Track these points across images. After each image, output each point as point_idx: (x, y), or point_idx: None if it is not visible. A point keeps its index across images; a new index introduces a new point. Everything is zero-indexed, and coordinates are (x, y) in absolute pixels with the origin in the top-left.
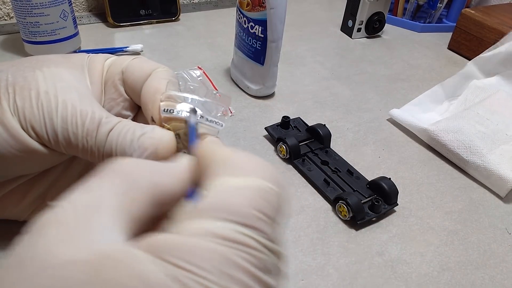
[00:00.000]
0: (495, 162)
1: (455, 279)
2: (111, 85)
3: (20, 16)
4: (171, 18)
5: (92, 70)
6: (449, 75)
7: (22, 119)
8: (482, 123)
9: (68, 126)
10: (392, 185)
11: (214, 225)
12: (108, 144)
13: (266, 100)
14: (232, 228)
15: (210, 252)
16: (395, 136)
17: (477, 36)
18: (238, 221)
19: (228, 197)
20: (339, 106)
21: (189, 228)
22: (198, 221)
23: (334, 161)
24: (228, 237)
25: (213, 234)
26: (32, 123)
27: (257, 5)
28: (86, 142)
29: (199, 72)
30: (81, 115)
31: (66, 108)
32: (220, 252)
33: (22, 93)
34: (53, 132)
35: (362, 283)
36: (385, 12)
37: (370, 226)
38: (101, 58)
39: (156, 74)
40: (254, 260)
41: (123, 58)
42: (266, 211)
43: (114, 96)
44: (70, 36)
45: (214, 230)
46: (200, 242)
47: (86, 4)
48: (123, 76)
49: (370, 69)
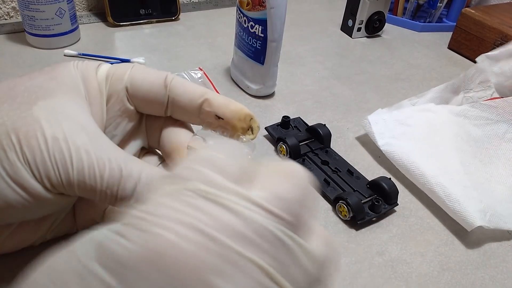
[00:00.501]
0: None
1: (455, 279)
2: (116, 102)
3: (21, 7)
4: (171, 17)
5: (88, 89)
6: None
7: (36, 171)
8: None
9: (86, 180)
10: (392, 185)
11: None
12: (135, 199)
13: (266, 100)
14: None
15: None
16: None
17: (477, 35)
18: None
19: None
20: (339, 106)
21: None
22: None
23: (334, 161)
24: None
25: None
26: (49, 175)
27: (257, 5)
28: (105, 194)
29: (200, 73)
30: (99, 167)
31: (81, 158)
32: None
33: (29, 143)
34: (69, 183)
35: (362, 283)
36: (385, 11)
37: (370, 226)
38: (92, 71)
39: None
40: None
41: (121, 71)
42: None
43: (119, 112)
44: (65, 32)
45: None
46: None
47: (86, 4)
48: (129, 92)
49: (370, 68)
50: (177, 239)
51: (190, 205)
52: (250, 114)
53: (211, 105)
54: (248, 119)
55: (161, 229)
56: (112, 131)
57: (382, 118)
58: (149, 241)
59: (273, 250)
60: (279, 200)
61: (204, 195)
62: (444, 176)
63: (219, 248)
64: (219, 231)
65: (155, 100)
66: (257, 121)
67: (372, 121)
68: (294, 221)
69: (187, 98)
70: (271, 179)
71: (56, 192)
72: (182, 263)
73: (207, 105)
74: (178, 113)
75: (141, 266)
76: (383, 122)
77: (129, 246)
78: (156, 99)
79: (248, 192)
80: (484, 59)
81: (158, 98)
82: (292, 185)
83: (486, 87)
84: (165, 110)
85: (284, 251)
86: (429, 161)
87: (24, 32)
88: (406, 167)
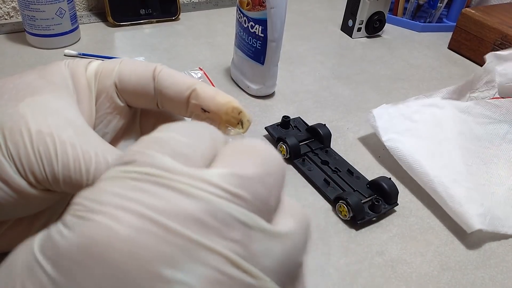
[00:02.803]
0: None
1: (455, 279)
2: (106, 99)
3: (21, 7)
4: (171, 17)
5: (77, 86)
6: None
7: (20, 166)
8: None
9: (71, 174)
10: (392, 185)
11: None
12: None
13: (266, 100)
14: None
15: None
16: None
17: (477, 35)
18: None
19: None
20: (339, 106)
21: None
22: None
23: (334, 161)
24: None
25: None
26: (32, 170)
27: (257, 5)
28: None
29: (200, 73)
30: (85, 161)
31: (66, 152)
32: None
33: (14, 137)
34: (54, 177)
35: (362, 283)
36: (385, 11)
37: (370, 226)
38: (82, 68)
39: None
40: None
41: (109, 67)
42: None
43: (110, 110)
44: (65, 32)
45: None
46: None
47: (86, 4)
48: (118, 87)
49: (370, 68)
50: (116, 225)
51: (135, 189)
52: (238, 108)
53: (197, 97)
54: (237, 113)
55: (99, 215)
56: (103, 129)
57: (387, 112)
58: (84, 228)
59: (233, 234)
60: (237, 178)
61: (151, 179)
62: (447, 177)
63: (168, 234)
64: (167, 216)
65: (145, 93)
66: (247, 115)
67: (377, 115)
68: (256, 200)
69: (174, 90)
70: (232, 158)
71: (41, 188)
72: (122, 251)
73: (194, 96)
74: (168, 106)
75: (78, 255)
76: (388, 116)
77: (66, 235)
78: (145, 92)
79: (202, 172)
80: (492, 58)
81: (147, 91)
82: (253, 162)
83: (490, 87)
84: (156, 102)
85: (247, 234)
86: (432, 159)
87: (24, 32)
88: (409, 164)
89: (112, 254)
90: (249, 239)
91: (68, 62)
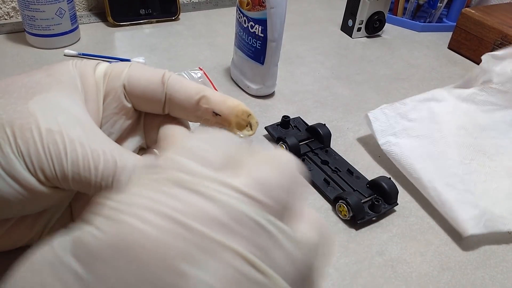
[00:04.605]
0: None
1: (455, 279)
2: (113, 100)
3: (21, 7)
4: (171, 17)
5: (85, 85)
6: (449, 74)
7: (29, 163)
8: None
9: (80, 171)
10: (392, 185)
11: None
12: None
13: (266, 100)
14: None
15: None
16: None
17: (477, 35)
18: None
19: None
20: (339, 106)
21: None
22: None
23: (334, 161)
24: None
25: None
26: (42, 167)
27: (257, 5)
28: (100, 187)
29: (200, 73)
30: (93, 158)
31: (75, 150)
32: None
33: (24, 135)
34: (63, 175)
35: (362, 283)
36: (385, 11)
37: (370, 225)
38: (90, 69)
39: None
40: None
41: (118, 69)
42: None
43: (116, 110)
44: (65, 32)
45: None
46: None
47: (86, 4)
48: (127, 89)
49: (370, 68)
50: (144, 226)
51: (163, 192)
52: (247, 111)
53: (209, 101)
54: (246, 115)
55: (129, 216)
56: (109, 128)
57: (383, 113)
58: (115, 229)
59: (253, 236)
60: (260, 186)
61: (179, 183)
62: (441, 180)
63: (192, 235)
64: (192, 218)
65: (153, 98)
66: (255, 117)
67: (372, 117)
68: (277, 206)
69: (184, 95)
70: (255, 166)
71: (50, 186)
72: (150, 250)
73: (205, 101)
74: (176, 111)
75: (108, 254)
76: (384, 117)
77: (98, 235)
78: (153, 96)
79: (227, 179)
80: (489, 59)
81: (155, 95)
82: (275, 171)
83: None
84: (163, 107)
85: (266, 237)
86: (427, 161)
87: (24, 32)
88: (404, 169)
89: (141, 253)
90: (267, 242)
91: (75, 62)
